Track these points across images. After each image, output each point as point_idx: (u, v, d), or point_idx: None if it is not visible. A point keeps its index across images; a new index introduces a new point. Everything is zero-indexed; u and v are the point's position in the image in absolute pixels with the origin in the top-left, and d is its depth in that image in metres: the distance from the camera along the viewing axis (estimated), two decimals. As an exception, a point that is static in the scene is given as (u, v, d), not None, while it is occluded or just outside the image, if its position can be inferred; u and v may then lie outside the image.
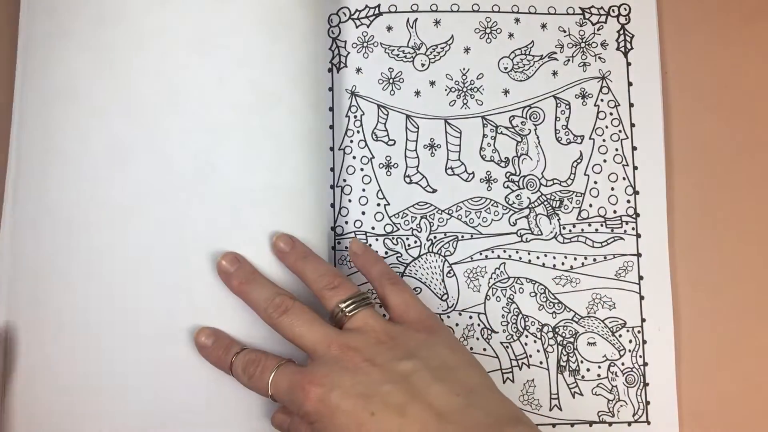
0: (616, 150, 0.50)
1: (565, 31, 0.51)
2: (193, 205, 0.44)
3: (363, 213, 0.49)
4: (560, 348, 0.49)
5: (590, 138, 0.50)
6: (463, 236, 0.49)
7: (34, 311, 0.43)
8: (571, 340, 0.49)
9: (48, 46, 0.44)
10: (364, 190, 0.49)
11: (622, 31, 0.51)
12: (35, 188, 0.44)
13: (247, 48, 0.45)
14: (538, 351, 0.49)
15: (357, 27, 0.50)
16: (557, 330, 0.49)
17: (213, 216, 0.44)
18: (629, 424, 0.49)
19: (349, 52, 0.50)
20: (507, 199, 0.50)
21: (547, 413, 0.48)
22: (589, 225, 0.50)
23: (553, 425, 0.48)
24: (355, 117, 0.50)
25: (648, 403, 0.49)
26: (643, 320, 0.49)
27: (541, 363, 0.49)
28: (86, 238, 0.43)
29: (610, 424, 0.49)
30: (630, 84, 0.50)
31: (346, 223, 0.49)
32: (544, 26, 0.51)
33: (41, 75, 0.44)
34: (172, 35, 0.44)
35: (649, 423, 0.48)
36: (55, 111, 0.44)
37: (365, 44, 0.50)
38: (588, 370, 0.49)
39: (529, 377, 0.48)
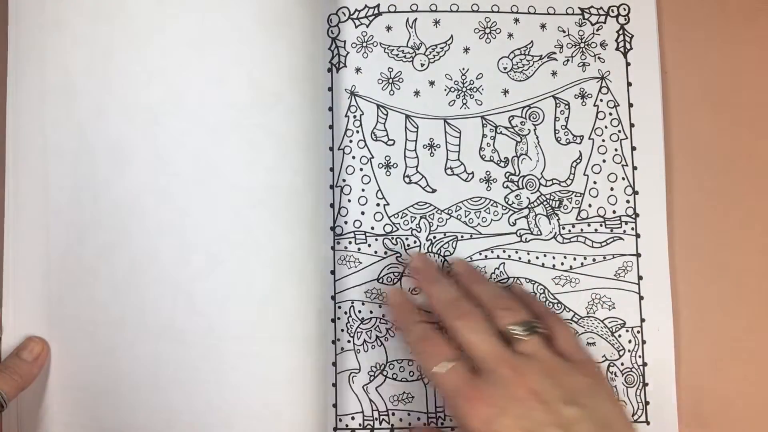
0: (616, 150, 0.50)
1: (564, 32, 0.51)
2: (193, 205, 0.44)
3: (362, 213, 0.49)
4: (560, 348, 0.49)
5: (590, 138, 0.50)
6: (462, 236, 0.49)
7: (41, 312, 0.43)
8: (571, 340, 0.49)
9: (42, 40, 0.44)
10: (363, 190, 0.49)
11: (621, 31, 0.51)
12: (36, 188, 0.44)
13: (246, 47, 0.45)
14: (538, 351, 0.49)
15: (356, 27, 0.50)
16: (557, 330, 0.49)
17: (213, 216, 0.44)
18: (629, 424, 0.49)
19: (348, 52, 0.50)
20: (506, 199, 0.50)
21: (547, 413, 0.48)
22: (589, 225, 0.50)
23: (553, 425, 0.48)
24: (355, 117, 0.50)
25: (647, 403, 0.49)
26: (642, 320, 0.49)
27: (540, 363, 0.49)
28: (88, 238, 0.43)
29: (610, 424, 0.48)
30: (629, 84, 0.50)
31: (346, 223, 0.49)
32: (543, 26, 0.51)
33: (36, 70, 0.44)
34: (171, 33, 0.44)
35: (648, 423, 0.48)
36: (53, 108, 0.44)
37: (364, 44, 0.50)
38: (587, 370, 0.49)
39: (528, 377, 0.48)
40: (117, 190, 0.44)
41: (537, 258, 0.49)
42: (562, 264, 0.49)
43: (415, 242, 0.49)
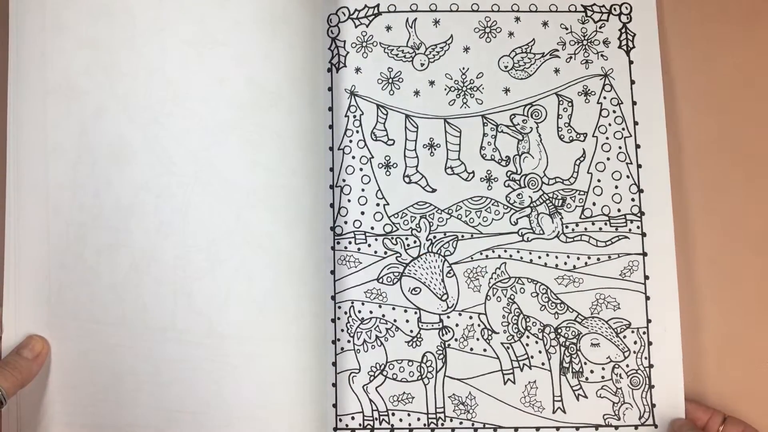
0: (620, 148, 0.49)
1: (567, 29, 0.50)
2: (193, 205, 0.44)
3: (362, 213, 0.49)
4: (563, 349, 0.48)
5: (593, 136, 0.50)
6: (463, 236, 0.49)
7: (42, 310, 0.44)
8: (574, 341, 0.48)
9: (43, 40, 0.45)
10: (363, 189, 0.49)
11: (623, 30, 0.50)
12: (37, 187, 0.44)
13: (245, 46, 0.45)
14: (540, 352, 0.48)
15: (356, 27, 0.50)
16: (560, 331, 0.48)
17: (213, 216, 0.44)
18: (636, 427, 0.48)
19: (348, 52, 0.50)
20: (508, 198, 0.49)
21: (551, 416, 0.48)
22: (593, 224, 0.49)
23: (557, 429, 0.47)
24: (355, 117, 0.50)
25: (654, 405, 0.47)
26: (648, 321, 0.48)
27: (543, 364, 0.48)
28: (88, 237, 0.44)
29: (617, 427, 0.48)
30: (633, 82, 0.50)
31: (346, 223, 0.49)
32: (545, 24, 0.50)
33: (37, 70, 0.44)
34: (171, 32, 0.44)
35: (656, 426, 0.47)
36: (54, 108, 0.44)
37: (364, 44, 0.50)
38: (592, 371, 0.48)
39: (530, 378, 0.48)
40: (117, 190, 0.44)
41: (539, 258, 0.49)
42: (566, 263, 0.49)
43: (415, 242, 0.49)
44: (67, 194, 0.44)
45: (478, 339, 0.48)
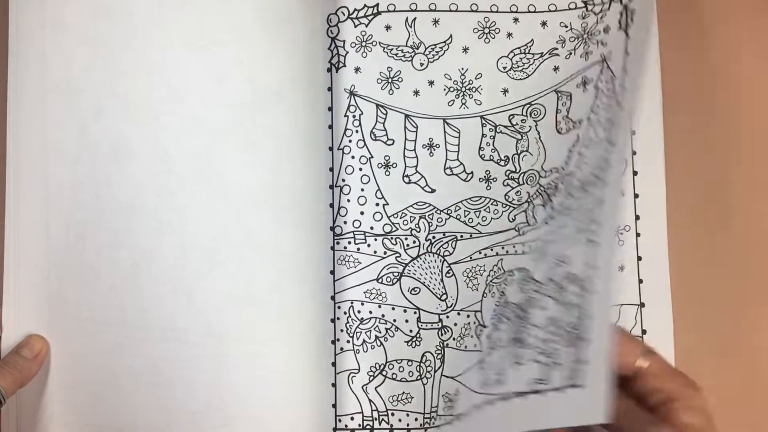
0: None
1: (567, 26, 0.50)
2: (193, 204, 0.44)
3: (362, 213, 0.49)
4: (560, 348, 0.48)
5: (587, 119, 0.49)
6: (462, 236, 0.49)
7: (42, 310, 0.44)
8: (571, 340, 0.48)
9: (42, 39, 0.44)
10: (362, 189, 0.49)
11: (623, 12, 0.49)
12: (37, 187, 0.44)
13: (246, 46, 0.45)
14: (537, 351, 0.48)
15: (356, 26, 0.50)
16: (557, 330, 0.48)
17: (213, 216, 0.44)
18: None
19: (347, 52, 0.50)
20: (507, 197, 0.49)
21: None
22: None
23: (554, 427, 0.48)
24: (354, 117, 0.50)
25: (650, 407, 0.48)
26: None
27: (539, 363, 0.48)
28: (88, 237, 0.44)
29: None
30: (627, 54, 0.48)
31: (345, 223, 0.49)
32: (544, 24, 0.50)
33: (37, 69, 0.44)
34: (171, 32, 0.44)
35: (653, 426, 0.48)
36: (53, 107, 0.44)
37: (364, 44, 0.50)
38: (589, 371, 0.48)
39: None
40: (117, 189, 0.44)
41: (530, 248, 0.48)
42: (561, 260, 0.49)
43: (414, 242, 0.49)
44: (67, 194, 0.44)
45: (472, 336, 0.48)
